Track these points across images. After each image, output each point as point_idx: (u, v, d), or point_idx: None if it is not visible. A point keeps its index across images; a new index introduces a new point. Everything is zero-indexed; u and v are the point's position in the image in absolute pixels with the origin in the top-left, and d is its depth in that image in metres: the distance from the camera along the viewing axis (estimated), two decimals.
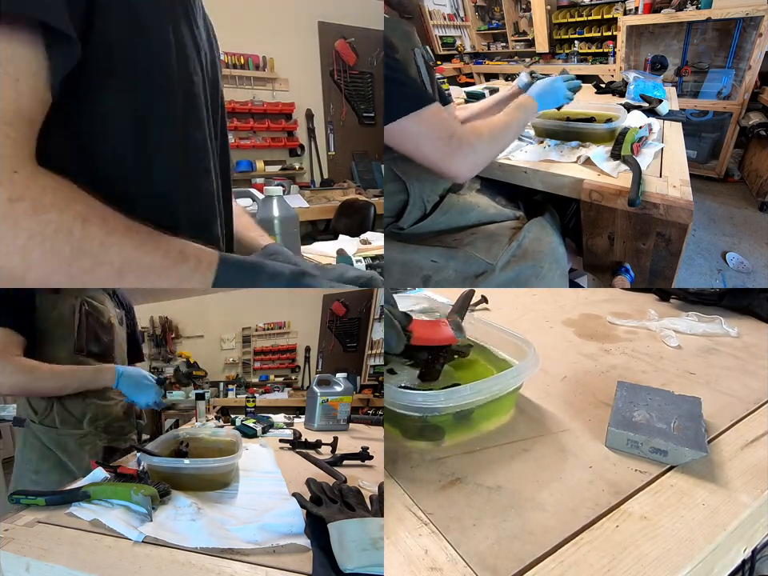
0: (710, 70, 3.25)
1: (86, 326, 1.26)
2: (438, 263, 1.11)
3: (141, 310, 1.76)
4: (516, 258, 1.13)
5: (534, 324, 1.23)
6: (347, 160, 4.96)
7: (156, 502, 0.74)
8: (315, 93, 4.71)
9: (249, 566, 0.58)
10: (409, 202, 1.16)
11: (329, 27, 4.51)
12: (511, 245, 1.14)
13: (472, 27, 4.92)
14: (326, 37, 4.51)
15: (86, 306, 1.27)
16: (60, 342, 1.22)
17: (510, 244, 1.15)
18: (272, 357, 4.21)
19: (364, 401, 3.11)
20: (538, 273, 1.13)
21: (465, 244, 1.15)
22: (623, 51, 3.55)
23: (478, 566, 0.50)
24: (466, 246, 1.15)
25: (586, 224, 1.26)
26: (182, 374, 3.61)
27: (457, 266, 1.11)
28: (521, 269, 1.12)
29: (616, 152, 1.26)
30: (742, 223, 2.86)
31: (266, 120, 4.42)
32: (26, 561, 0.62)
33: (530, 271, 1.12)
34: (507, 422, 0.77)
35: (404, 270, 1.11)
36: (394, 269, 1.11)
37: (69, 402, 1.22)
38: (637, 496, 0.60)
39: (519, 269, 1.12)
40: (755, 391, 0.86)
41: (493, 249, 1.14)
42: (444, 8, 4.75)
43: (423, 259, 1.11)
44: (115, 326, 1.37)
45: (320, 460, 1.14)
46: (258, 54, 4.27)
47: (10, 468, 3.45)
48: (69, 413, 1.22)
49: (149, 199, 0.62)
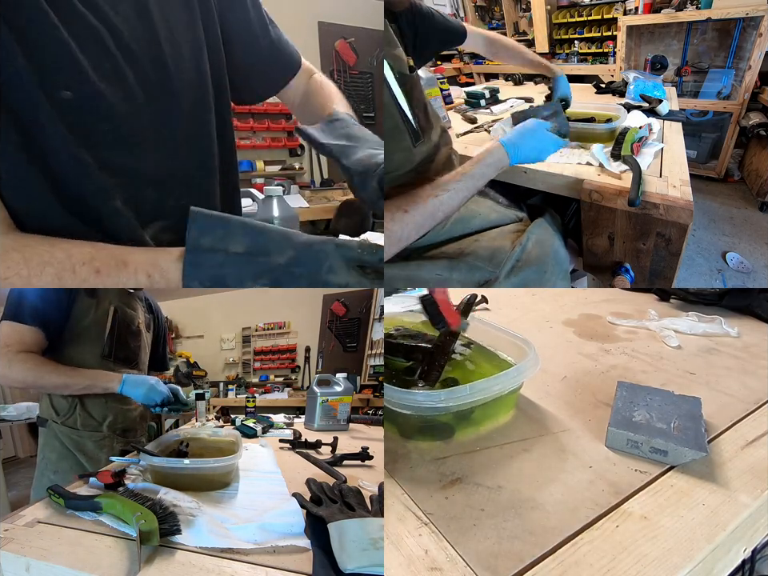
0: (710, 70, 3.25)
1: (117, 331, 1.31)
2: (441, 276, 1.08)
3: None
4: (520, 264, 1.10)
5: (534, 324, 1.23)
6: None
7: (153, 539, 0.62)
8: None
9: (249, 566, 0.58)
10: None
11: (329, 27, 4.50)
12: (515, 250, 1.12)
13: None
14: (325, 37, 4.50)
15: (119, 313, 1.32)
16: (89, 345, 1.27)
17: (514, 249, 1.12)
18: (272, 357, 4.21)
19: (364, 401, 3.11)
20: (541, 277, 1.11)
21: (467, 253, 1.13)
22: (623, 51, 3.54)
23: (477, 566, 0.50)
24: (468, 255, 1.12)
25: (585, 224, 1.26)
26: (182, 374, 3.61)
27: (460, 277, 1.08)
28: (525, 274, 1.10)
29: (616, 152, 1.26)
30: (742, 223, 2.86)
31: (266, 120, 4.41)
32: (26, 561, 0.62)
33: (535, 276, 1.11)
34: (507, 421, 0.77)
35: (408, 285, 1.08)
36: (398, 284, 1.08)
37: (91, 404, 1.26)
38: (637, 496, 0.60)
39: (524, 274, 1.10)
40: (755, 391, 0.86)
41: (496, 256, 1.11)
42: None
43: (428, 274, 1.08)
44: (143, 331, 1.43)
45: (320, 460, 1.14)
46: None
47: (9, 468, 3.43)
48: (90, 415, 1.26)
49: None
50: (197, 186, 0.77)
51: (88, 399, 1.25)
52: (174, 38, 0.70)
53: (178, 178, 0.73)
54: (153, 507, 0.68)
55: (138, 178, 0.68)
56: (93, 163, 0.62)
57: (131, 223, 0.67)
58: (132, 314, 1.38)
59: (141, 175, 0.68)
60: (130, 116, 0.65)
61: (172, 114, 0.71)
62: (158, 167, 0.70)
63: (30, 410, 2.95)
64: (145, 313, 1.46)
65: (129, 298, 1.39)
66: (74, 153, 0.60)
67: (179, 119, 0.72)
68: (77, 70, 0.59)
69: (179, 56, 0.71)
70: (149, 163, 0.68)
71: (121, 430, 1.30)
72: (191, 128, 0.74)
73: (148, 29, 0.67)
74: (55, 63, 0.57)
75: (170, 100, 0.70)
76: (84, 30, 0.60)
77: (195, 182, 0.76)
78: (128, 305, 1.38)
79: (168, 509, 0.69)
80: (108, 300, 1.31)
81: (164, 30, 0.69)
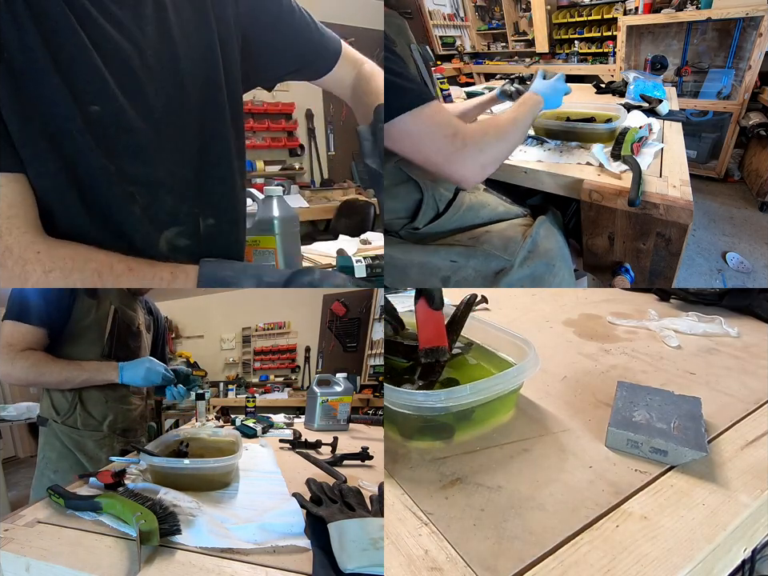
0: (710, 70, 3.25)
1: (117, 332, 1.33)
2: (457, 263, 1.09)
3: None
4: (531, 255, 1.12)
5: (534, 324, 1.23)
6: (347, 160, 4.96)
7: (153, 539, 0.62)
8: (315, 93, 4.71)
9: (249, 566, 0.58)
10: (423, 201, 1.15)
11: (329, 27, 4.50)
12: (526, 241, 1.14)
13: (472, 27, 4.91)
14: None
15: (120, 314, 1.34)
16: (89, 345, 1.28)
17: (525, 240, 1.14)
18: (272, 357, 4.21)
19: (364, 401, 3.10)
20: (551, 270, 1.12)
21: (482, 242, 1.14)
22: (623, 51, 3.54)
23: (477, 566, 0.50)
24: (483, 244, 1.14)
25: (585, 224, 1.26)
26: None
27: (477, 265, 1.09)
28: (535, 266, 1.11)
29: (616, 152, 1.26)
30: (742, 223, 2.86)
31: (266, 120, 4.42)
32: (26, 561, 0.62)
33: (544, 268, 1.12)
34: (507, 421, 0.77)
35: (421, 271, 1.09)
36: (412, 271, 1.08)
37: (91, 404, 1.27)
38: (637, 496, 0.60)
39: (534, 266, 1.11)
40: (755, 391, 0.86)
41: (509, 246, 1.13)
42: (444, 8, 4.74)
43: (442, 260, 1.09)
44: (143, 332, 1.44)
45: (320, 460, 1.14)
46: None
47: (9, 468, 3.44)
48: (90, 415, 1.27)
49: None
50: (209, 194, 0.81)
51: (88, 399, 1.26)
52: (192, 55, 0.75)
53: (193, 186, 0.77)
54: (153, 507, 0.68)
55: (155, 187, 0.73)
56: (115, 172, 0.67)
57: (148, 228, 0.72)
58: (132, 315, 1.39)
59: (157, 184, 0.73)
60: (149, 129, 0.70)
61: (188, 128, 0.75)
62: (173, 177, 0.74)
63: (30, 410, 2.95)
64: (145, 314, 1.48)
65: (129, 300, 1.40)
66: (101, 162, 0.66)
67: (195, 133, 0.76)
68: (104, 87, 0.65)
69: (197, 74, 0.76)
70: (165, 173, 0.73)
71: (121, 430, 1.31)
72: (206, 141, 0.78)
73: (169, 48, 0.72)
74: (86, 81, 0.64)
75: (187, 115, 0.75)
76: (112, 51, 0.66)
77: (208, 191, 0.80)
78: (128, 306, 1.39)
79: (168, 509, 0.69)
80: (108, 301, 1.32)
81: (183, 48, 0.74)
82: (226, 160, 0.82)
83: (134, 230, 0.71)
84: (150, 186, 0.72)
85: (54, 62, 0.61)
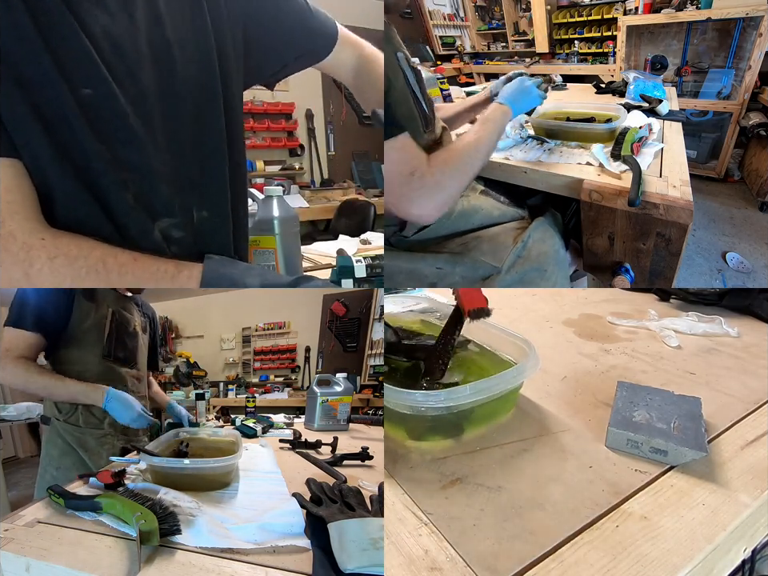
0: (710, 70, 3.25)
1: (114, 333, 1.36)
2: (443, 270, 1.09)
3: None
4: (521, 260, 1.12)
5: (534, 324, 1.23)
6: (347, 160, 4.96)
7: (153, 539, 0.62)
8: (315, 93, 4.71)
9: (249, 566, 0.58)
10: None
11: None
12: (516, 246, 1.13)
13: (472, 27, 4.92)
14: None
15: (117, 316, 1.38)
16: (90, 347, 1.32)
17: (515, 245, 1.14)
18: (272, 357, 4.21)
19: (364, 401, 3.10)
20: (543, 275, 1.12)
21: (470, 248, 1.14)
22: (623, 51, 3.54)
23: (477, 566, 0.50)
24: (471, 250, 1.14)
25: (585, 224, 1.26)
26: (182, 374, 3.60)
27: (463, 272, 1.09)
28: (525, 271, 1.11)
29: (616, 152, 1.25)
30: (742, 223, 2.86)
31: (266, 120, 4.42)
32: (26, 561, 0.62)
33: (535, 274, 1.12)
34: (507, 421, 0.77)
35: (409, 278, 1.09)
36: (399, 277, 1.09)
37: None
38: (637, 496, 0.60)
39: (524, 271, 1.11)
40: (755, 391, 0.86)
41: (498, 252, 1.12)
42: (444, 8, 4.75)
43: (428, 267, 1.09)
44: (139, 333, 1.48)
45: (320, 460, 1.14)
46: None
47: (9, 468, 3.43)
48: (91, 413, 1.30)
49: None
50: (206, 186, 0.79)
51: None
52: (185, 43, 0.73)
53: (188, 178, 0.76)
54: (153, 507, 0.68)
55: (149, 175, 0.71)
56: (110, 158, 0.66)
57: (142, 217, 0.70)
58: (128, 317, 1.43)
59: (152, 172, 0.71)
60: (142, 116, 0.68)
61: (181, 116, 0.74)
62: (167, 166, 0.72)
63: (30, 410, 2.95)
64: (141, 316, 1.51)
65: (125, 302, 1.44)
66: (96, 147, 0.65)
67: (188, 122, 0.75)
68: (95, 70, 0.64)
69: (189, 61, 0.74)
70: (159, 162, 0.71)
71: (122, 428, 1.32)
72: (200, 130, 0.76)
73: (160, 34, 0.71)
74: (76, 63, 0.62)
75: (180, 103, 0.73)
76: (101, 34, 0.65)
77: (204, 182, 0.79)
78: (125, 308, 1.43)
79: (168, 509, 0.69)
80: (106, 304, 1.35)
81: (175, 35, 0.72)
82: (221, 152, 0.80)
83: (128, 218, 0.69)
84: (143, 174, 0.70)
85: (43, 42, 0.60)
